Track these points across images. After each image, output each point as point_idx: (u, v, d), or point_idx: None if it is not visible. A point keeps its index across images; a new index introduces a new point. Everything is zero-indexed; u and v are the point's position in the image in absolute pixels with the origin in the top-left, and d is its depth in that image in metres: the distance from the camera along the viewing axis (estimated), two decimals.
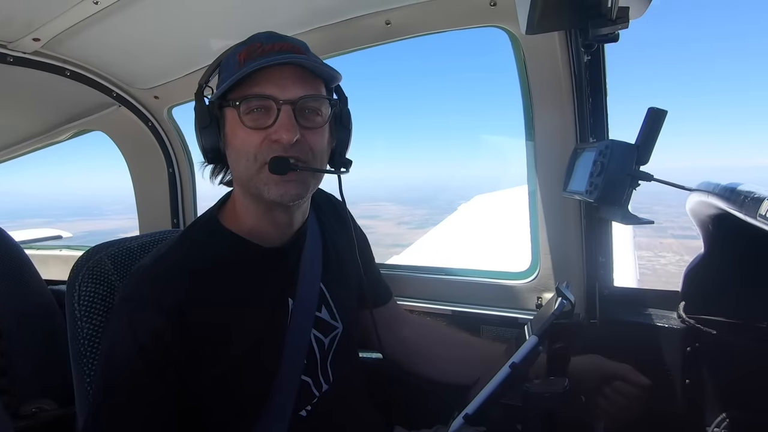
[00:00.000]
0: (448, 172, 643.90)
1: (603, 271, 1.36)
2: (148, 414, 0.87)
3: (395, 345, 1.24)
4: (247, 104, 0.89)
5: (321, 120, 0.94)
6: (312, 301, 1.04)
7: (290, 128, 0.88)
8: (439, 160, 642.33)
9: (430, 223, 61.36)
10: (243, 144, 0.91)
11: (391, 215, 75.70)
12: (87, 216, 75.95)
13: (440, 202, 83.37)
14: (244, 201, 0.99)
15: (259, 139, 0.89)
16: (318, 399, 1.03)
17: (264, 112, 0.90)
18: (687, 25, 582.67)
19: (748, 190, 0.78)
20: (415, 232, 45.41)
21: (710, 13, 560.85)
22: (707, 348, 1.16)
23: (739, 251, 1.02)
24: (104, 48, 1.56)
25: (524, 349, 0.87)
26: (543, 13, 0.85)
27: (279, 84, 0.89)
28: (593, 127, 1.28)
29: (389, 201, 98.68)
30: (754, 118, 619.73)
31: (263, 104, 0.89)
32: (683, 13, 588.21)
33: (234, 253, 0.99)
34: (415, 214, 75.57)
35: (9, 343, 1.49)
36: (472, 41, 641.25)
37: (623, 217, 0.98)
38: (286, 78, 0.90)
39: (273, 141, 0.89)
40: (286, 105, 0.88)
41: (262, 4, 1.37)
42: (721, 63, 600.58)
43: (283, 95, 0.89)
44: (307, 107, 0.92)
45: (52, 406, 1.46)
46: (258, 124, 0.90)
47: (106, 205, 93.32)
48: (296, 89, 0.90)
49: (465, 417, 0.83)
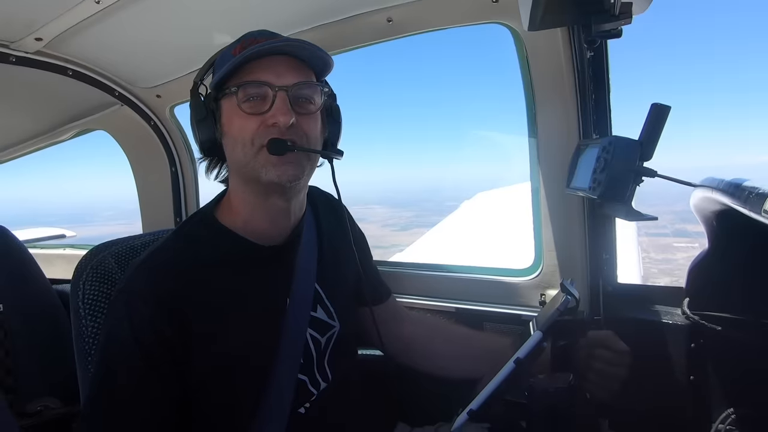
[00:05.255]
0: (441, 173, 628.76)
1: (606, 267, 1.35)
2: (146, 405, 0.88)
3: (396, 342, 1.24)
4: (244, 91, 0.93)
5: (314, 107, 0.99)
6: (307, 300, 1.05)
7: (286, 112, 0.92)
8: (436, 160, 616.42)
9: (415, 224, 61.21)
10: (240, 130, 0.94)
11: (378, 218, 75.55)
12: (79, 222, 75.89)
13: (430, 204, 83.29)
14: (241, 189, 1.01)
15: (256, 124, 0.93)
16: (316, 397, 1.04)
17: (260, 99, 0.94)
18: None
19: (753, 186, 0.77)
20: (398, 234, 45.45)
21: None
22: (712, 344, 1.16)
23: (744, 247, 1.02)
24: (106, 47, 1.56)
25: (529, 345, 0.87)
26: (546, 10, 0.85)
27: (274, 71, 0.94)
28: (596, 123, 1.27)
29: (378, 203, 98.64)
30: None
31: (259, 91, 0.93)
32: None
33: (229, 250, 1.00)
34: (402, 216, 75.54)
35: (14, 342, 1.49)
36: (475, 38, 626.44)
37: (626, 214, 0.97)
38: (280, 66, 0.95)
39: (270, 125, 0.92)
40: (281, 91, 0.93)
41: (264, 2, 1.37)
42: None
43: (279, 81, 0.93)
44: (300, 95, 0.96)
45: (57, 405, 1.47)
46: (255, 110, 0.93)
47: (101, 210, 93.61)
48: (291, 76, 0.95)
49: (469, 413, 0.83)
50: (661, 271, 24.03)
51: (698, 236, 1.17)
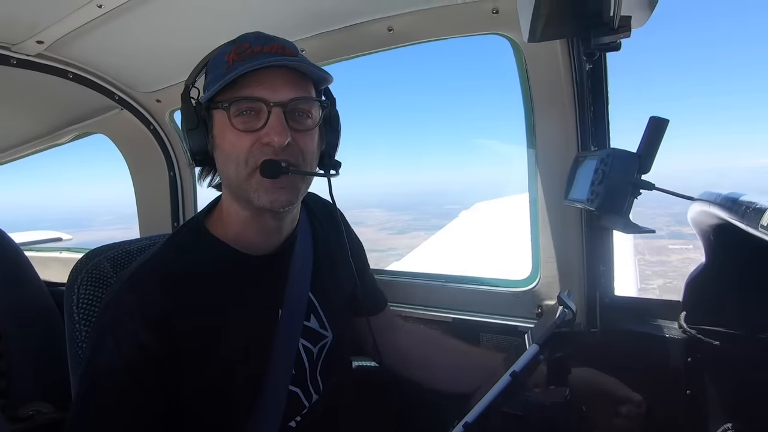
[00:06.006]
0: (441, 178, 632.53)
1: (604, 279, 1.35)
2: (129, 418, 0.86)
3: (391, 352, 1.22)
4: (237, 106, 0.88)
5: (311, 122, 0.94)
6: (300, 310, 1.03)
7: (281, 131, 0.87)
8: (436, 165, 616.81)
9: (412, 228, 61.22)
10: (233, 147, 0.89)
11: (376, 221, 75.51)
12: (77, 227, 75.54)
13: (430, 207, 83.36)
14: (232, 205, 0.97)
15: (250, 142, 0.88)
16: (307, 410, 1.02)
17: (254, 114, 0.89)
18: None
19: (750, 201, 0.77)
20: (396, 238, 45.43)
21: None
22: (709, 358, 1.15)
23: (741, 262, 1.02)
24: (107, 51, 1.57)
25: (525, 358, 0.86)
26: (546, 22, 0.85)
27: (269, 86, 0.88)
28: (594, 135, 1.28)
29: (377, 207, 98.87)
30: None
31: (253, 106, 0.88)
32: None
33: (220, 261, 0.97)
34: (400, 219, 75.46)
35: (8, 344, 1.48)
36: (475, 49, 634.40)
37: (624, 226, 0.97)
38: (276, 80, 0.89)
39: (264, 144, 0.88)
40: (276, 107, 0.87)
41: (265, 10, 1.38)
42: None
43: (274, 97, 0.88)
44: (297, 109, 0.91)
45: (49, 409, 1.45)
46: (248, 126, 0.88)
47: (98, 215, 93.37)
48: (287, 91, 0.89)
49: (465, 425, 0.82)
50: (655, 273, 24.10)
51: (693, 238, 1.17)
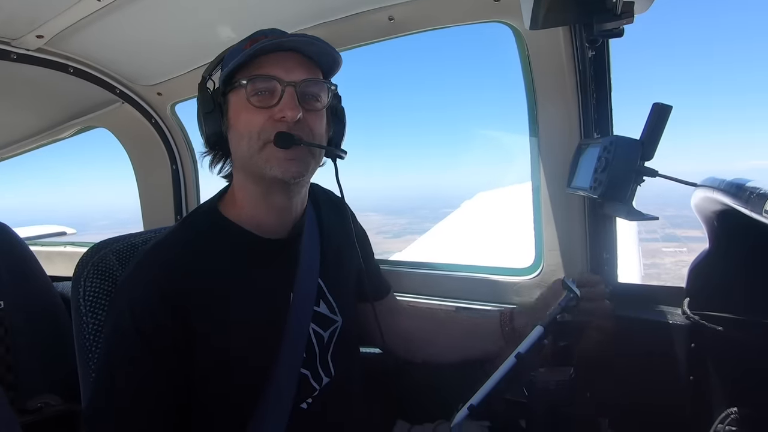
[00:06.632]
0: (438, 180, 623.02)
1: (607, 267, 1.35)
2: (150, 394, 0.89)
3: (395, 337, 1.25)
4: (253, 84, 0.95)
5: (320, 105, 1.00)
6: (310, 295, 1.06)
7: (294, 107, 0.93)
8: (433, 166, 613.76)
9: (408, 231, 61.52)
10: (247, 124, 0.96)
11: (372, 225, 75.72)
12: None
13: (425, 211, 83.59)
14: (244, 184, 1.02)
15: (263, 118, 0.95)
16: (318, 392, 1.04)
17: (269, 93, 0.95)
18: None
19: (754, 186, 0.77)
20: (391, 242, 45.79)
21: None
22: (712, 344, 1.15)
23: (745, 247, 1.02)
24: (107, 45, 1.56)
25: (530, 340, 0.87)
26: (548, 8, 0.85)
27: (283, 67, 0.95)
28: (597, 122, 1.27)
29: (373, 210, 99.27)
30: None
31: (268, 85, 0.95)
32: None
33: (233, 243, 1.00)
34: (396, 223, 75.71)
35: (15, 338, 1.49)
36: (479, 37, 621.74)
37: (627, 213, 0.97)
38: (290, 62, 0.96)
39: (277, 119, 0.94)
40: (289, 86, 0.94)
41: (265, 1, 1.37)
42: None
43: (288, 77, 0.95)
44: (308, 92, 0.98)
45: (58, 402, 1.47)
46: (263, 104, 0.95)
47: (93, 220, 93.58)
48: (299, 72, 0.96)
49: (470, 408, 0.83)
50: (648, 276, 24.24)
51: (687, 241, 1.18)
